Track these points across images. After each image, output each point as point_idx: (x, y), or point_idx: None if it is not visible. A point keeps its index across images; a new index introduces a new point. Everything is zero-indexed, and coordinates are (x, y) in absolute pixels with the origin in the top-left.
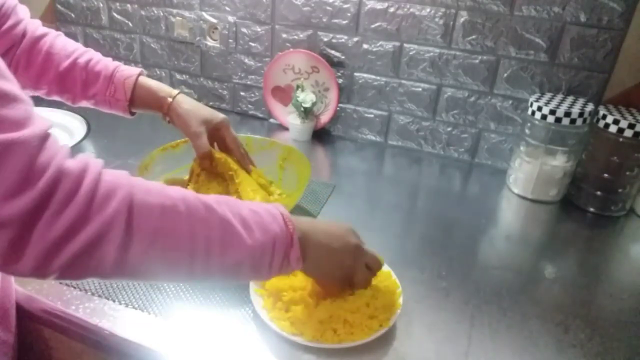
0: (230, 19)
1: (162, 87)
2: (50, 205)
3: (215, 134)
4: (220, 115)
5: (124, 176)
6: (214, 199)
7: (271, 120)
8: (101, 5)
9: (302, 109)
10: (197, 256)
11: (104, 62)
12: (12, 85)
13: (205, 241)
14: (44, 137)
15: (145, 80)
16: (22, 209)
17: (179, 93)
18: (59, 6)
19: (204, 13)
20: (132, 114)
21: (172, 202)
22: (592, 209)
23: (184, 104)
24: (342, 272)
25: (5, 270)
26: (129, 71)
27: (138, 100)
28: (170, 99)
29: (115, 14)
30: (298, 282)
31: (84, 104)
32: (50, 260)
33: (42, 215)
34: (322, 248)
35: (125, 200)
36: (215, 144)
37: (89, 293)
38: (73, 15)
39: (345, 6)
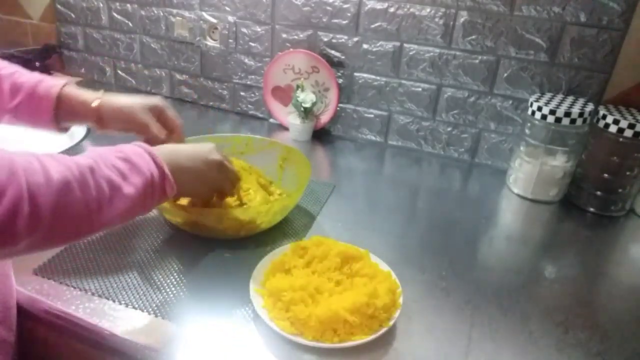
0: (230, 19)
1: (87, 92)
2: None
3: (158, 118)
4: (156, 98)
5: (13, 164)
6: (89, 157)
7: (271, 120)
8: (101, 5)
9: (302, 109)
10: (93, 217)
11: (29, 75)
12: None
13: (97, 203)
14: None
15: (71, 88)
16: None
17: (104, 94)
18: (59, 6)
19: (204, 13)
20: (61, 129)
21: (61, 177)
22: (592, 209)
23: (117, 99)
24: (209, 187)
25: None
26: (54, 81)
27: (65, 107)
28: (98, 100)
29: (115, 14)
30: (298, 282)
31: (6, 119)
32: None
33: None
34: (189, 171)
35: (22, 186)
36: None
37: (89, 293)
38: (73, 15)
39: (345, 6)
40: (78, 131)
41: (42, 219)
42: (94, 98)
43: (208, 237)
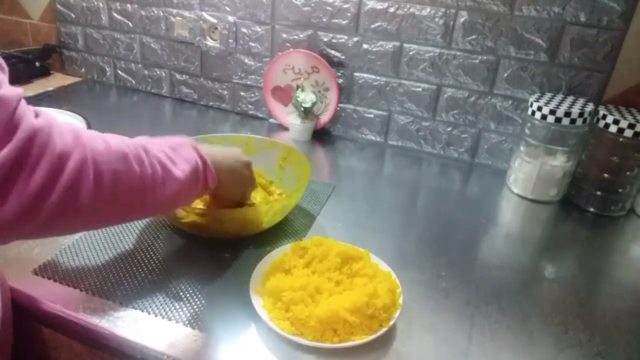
0: (230, 19)
1: None
2: (28, 160)
3: None
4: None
5: (77, 131)
6: (142, 142)
7: (271, 120)
8: (101, 5)
9: (302, 109)
10: (147, 194)
11: None
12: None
13: (151, 180)
14: (19, 99)
15: None
16: (4, 157)
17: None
18: (59, 6)
19: (204, 13)
20: None
21: (117, 149)
22: (592, 209)
23: None
24: (241, 185)
25: None
26: None
27: None
28: None
29: (115, 14)
30: (298, 282)
31: None
32: (33, 212)
33: (21, 169)
34: (225, 167)
35: (84, 150)
36: None
37: (89, 293)
38: (73, 15)
39: (345, 6)
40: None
41: (104, 185)
42: None
43: (208, 237)
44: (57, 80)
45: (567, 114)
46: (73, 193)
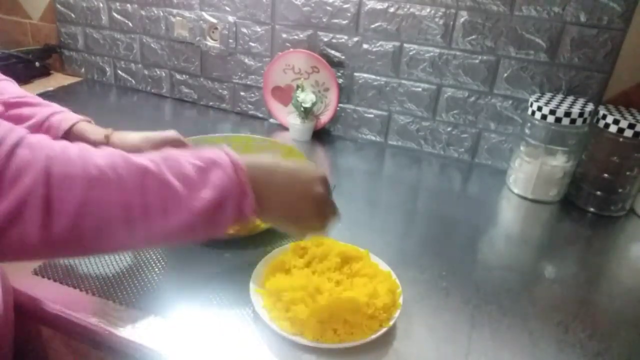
0: (230, 19)
1: (97, 129)
2: None
3: None
4: (170, 132)
5: (45, 145)
6: (150, 159)
7: (271, 120)
8: (101, 5)
9: (302, 109)
10: (136, 226)
11: (38, 107)
12: None
13: (143, 209)
14: None
15: (83, 125)
16: None
17: (113, 131)
18: (59, 6)
19: (204, 13)
20: None
21: (99, 170)
22: (592, 209)
23: (126, 136)
24: (300, 224)
25: None
26: (65, 115)
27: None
28: (105, 138)
29: (115, 14)
30: (298, 282)
31: None
32: None
33: None
34: (280, 196)
35: (39, 174)
36: None
37: (89, 293)
38: (73, 15)
39: (345, 6)
40: None
41: (61, 217)
42: (103, 135)
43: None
44: (57, 80)
45: (567, 114)
46: (16, 225)
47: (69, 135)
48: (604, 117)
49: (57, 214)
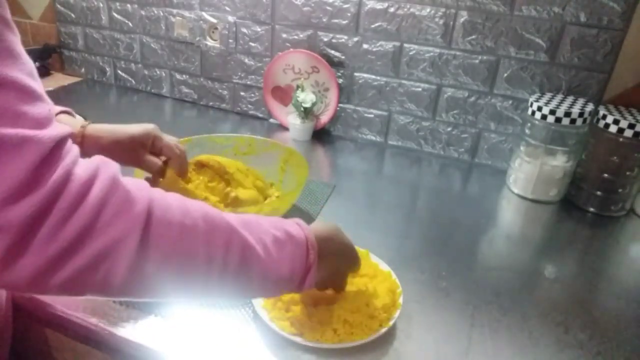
0: (230, 19)
1: (75, 120)
2: (54, 212)
3: (153, 145)
4: (148, 125)
5: (143, 187)
6: (238, 220)
7: (271, 120)
8: (101, 5)
9: (302, 109)
10: (212, 279)
11: None
12: (39, 85)
13: (222, 266)
14: (60, 142)
15: (61, 117)
16: (24, 213)
17: (89, 123)
18: (59, 6)
19: (204, 13)
20: None
21: (193, 221)
22: (592, 209)
23: (101, 128)
24: (335, 287)
25: None
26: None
27: None
28: (81, 130)
29: (115, 14)
30: None
31: None
32: (49, 274)
33: (44, 222)
34: (330, 269)
35: (142, 214)
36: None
37: None
38: (73, 15)
39: (345, 6)
40: None
41: (149, 260)
42: (79, 126)
43: None
44: (57, 80)
45: (567, 114)
46: (107, 262)
47: None
48: (604, 117)
49: (149, 259)
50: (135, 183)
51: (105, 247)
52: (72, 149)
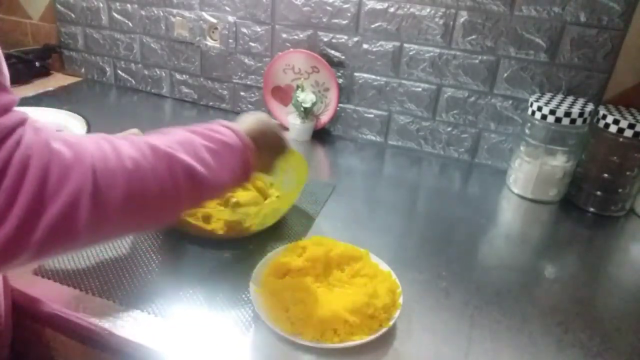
0: (230, 19)
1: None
2: (10, 178)
3: None
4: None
5: (83, 141)
6: (168, 145)
7: None
8: (101, 5)
9: (302, 109)
10: (168, 206)
11: None
12: (3, 78)
13: (175, 191)
14: (15, 125)
15: None
16: None
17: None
18: (59, 6)
19: (204, 13)
20: None
21: (134, 163)
22: (592, 209)
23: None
24: (276, 152)
25: None
26: None
27: None
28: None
29: (115, 14)
30: (298, 282)
31: None
32: (22, 235)
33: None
34: (263, 159)
35: (87, 173)
36: None
37: (89, 293)
38: (73, 15)
39: (345, 6)
40: (78, 131)
41: (108, 212)
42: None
43: (207, 237)
44: (57, 80)
45: (567, 114)
46: (68, 214)
47: None
48: (604, 117)
49: (105, 211)
50: (73, 144)
51: (60, 212)
52: (18, 132)
